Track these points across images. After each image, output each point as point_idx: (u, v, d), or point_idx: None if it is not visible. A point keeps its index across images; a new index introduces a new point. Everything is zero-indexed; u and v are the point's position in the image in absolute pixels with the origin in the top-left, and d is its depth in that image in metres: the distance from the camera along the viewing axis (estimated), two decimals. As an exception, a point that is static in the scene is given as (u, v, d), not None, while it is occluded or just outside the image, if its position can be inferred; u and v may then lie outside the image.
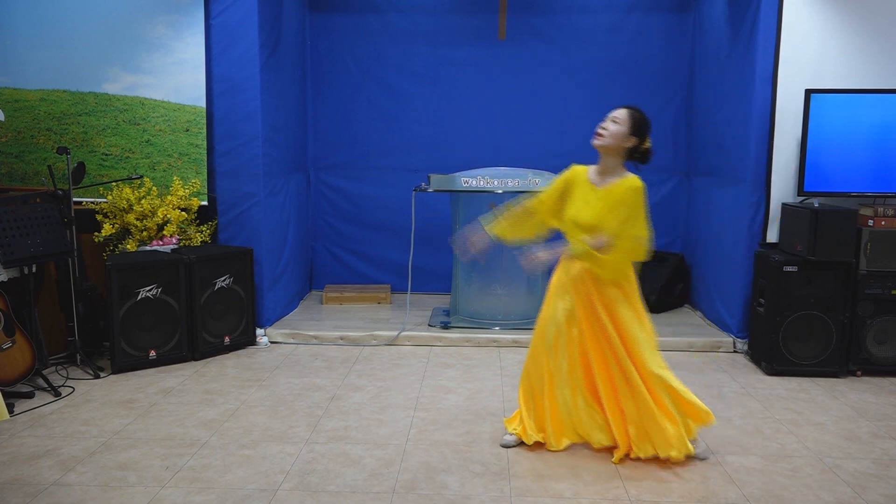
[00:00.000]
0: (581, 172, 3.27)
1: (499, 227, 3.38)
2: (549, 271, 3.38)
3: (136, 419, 3.67)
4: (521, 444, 3.35)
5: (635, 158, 3.20)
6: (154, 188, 4.85)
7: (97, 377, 4.27)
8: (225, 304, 4.74)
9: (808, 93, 4.47)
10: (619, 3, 5.96)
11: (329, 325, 5.23)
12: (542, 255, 3.21)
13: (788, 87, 4.62)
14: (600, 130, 3.14)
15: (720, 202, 5.29)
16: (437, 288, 6.16)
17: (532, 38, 6.03)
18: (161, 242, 4.72)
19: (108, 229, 4.70)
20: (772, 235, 4.76)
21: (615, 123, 3.13)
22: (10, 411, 3.69)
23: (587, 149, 6.58)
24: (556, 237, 3.36)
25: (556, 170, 5.23)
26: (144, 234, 4.74)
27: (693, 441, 3.23)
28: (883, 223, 4.28)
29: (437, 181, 5.00)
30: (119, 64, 4.94)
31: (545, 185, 4.98)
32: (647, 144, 3.19)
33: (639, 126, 3.12)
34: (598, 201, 3.13)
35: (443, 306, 5.69)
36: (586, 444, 3.35)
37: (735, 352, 4.89)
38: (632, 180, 3.11)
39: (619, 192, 3.10)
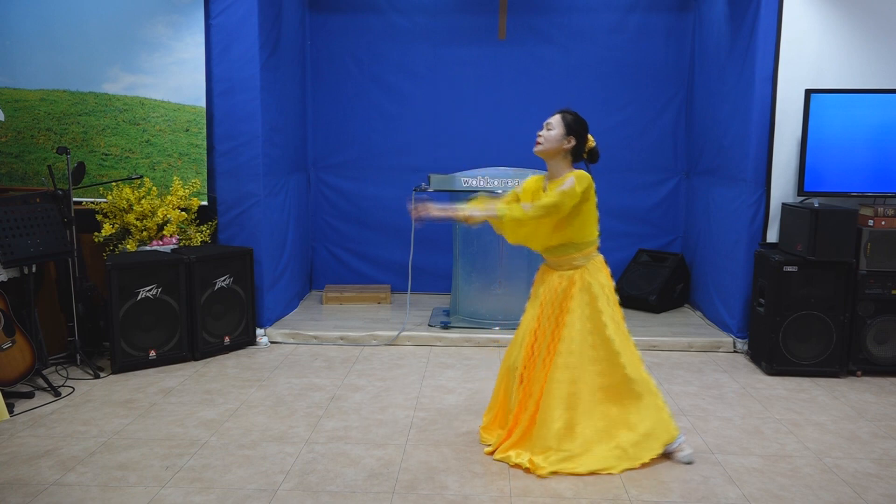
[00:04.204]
0: (536, 181, 3.28)
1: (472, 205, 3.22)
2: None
3: (136, 419, 3.67)
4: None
5: (584, 159, 3.22)
6: (154, 188, 4.85)
7: (97, 377, 4.27)
8: (225, 304, 4.74)
9: (808, 93, 4.47)
10: (619, 2, 5.96)
11: (329, 325, 5.23)
12: (433, 207, 3.12)
13: (788, 87, 4.62)
14: (538, 138, 3.16)
15: (720, 202, 5.29)
16: (437, 288, 6.16)
17: (532, 38, 6.03)
18: (161, 242, 4.72)
19: (108, 229, 4.70)
20: (772, 235, 4.76)
21: (549, 129, 3.14)
22: (10, 411, 3.69)
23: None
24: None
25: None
26: (144, 234, 4.74)
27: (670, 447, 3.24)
28: (883, 223, 4.28)
29: (437, 181, 5.00)
30: (119, 64, 4.94)
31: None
32: (591, 143, 3.20)
33: (572, 126, 3.13)
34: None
35: (443, 306, 5.69)
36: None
37: (735, 352, 4.89)
38: (574, 172, 3.11)
39: (561, 182, 3.11)
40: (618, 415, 3.18)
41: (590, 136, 3.20)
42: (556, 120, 3.15)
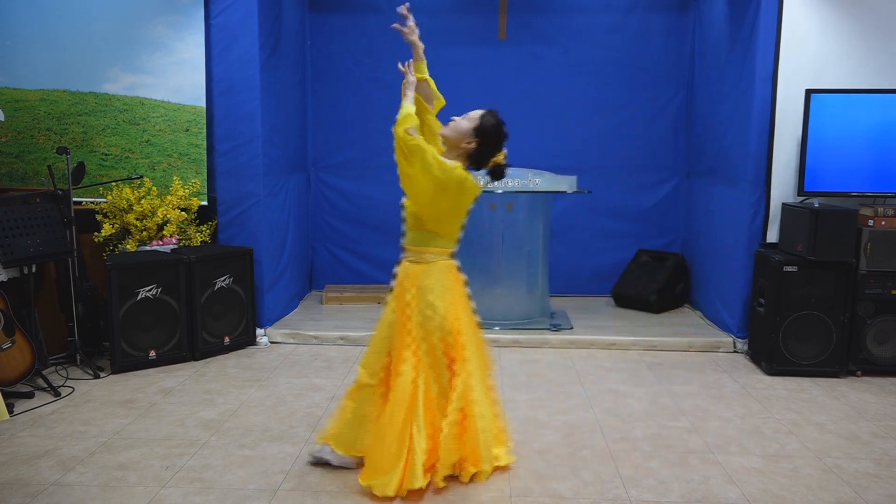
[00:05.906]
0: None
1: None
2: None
3: (136, 419, 3.67)
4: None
5: (487, 168, 2.99)
6: (154, 188, 4.85)
7: (97, 377, 4.26)
8: (225, 304, 4.74)
9: (808, 93, 4.47)
10: (619, 2, 5.96)
11: (329, 325, 5.23)
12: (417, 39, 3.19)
13: (788, 87, 4.62)
14: (449, 122, 2.98)
15: (720, 202, 5.29)
16: (437, 288, 6.15)
17: (532, 38, 6.03)
18: (161, 242, 4.72)
19: (108, 229, 4.70)
20: (772, 235, 4.75)
21: (465, 119, 2.96)
22: (10, 411, 3.69)
23: (587, 148, 6.58)
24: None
25: (557, 170, 5.26)
26: (144, 234, 4.74)
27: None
28: (883, 223, 4.28)
29: (437, 181, 4.99)
30: (119, 64, 4.94)
31: (545, 185, 5.02)
32: (500, 160, 2.97)
33: (484, 130, 2.90)
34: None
35: (443, 306, 5.68)
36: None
37: (735, 352, 4.89)
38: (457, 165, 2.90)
39: None
40: None
41: (501, 151, 2.97)
42: (475, 115, 2.96)
